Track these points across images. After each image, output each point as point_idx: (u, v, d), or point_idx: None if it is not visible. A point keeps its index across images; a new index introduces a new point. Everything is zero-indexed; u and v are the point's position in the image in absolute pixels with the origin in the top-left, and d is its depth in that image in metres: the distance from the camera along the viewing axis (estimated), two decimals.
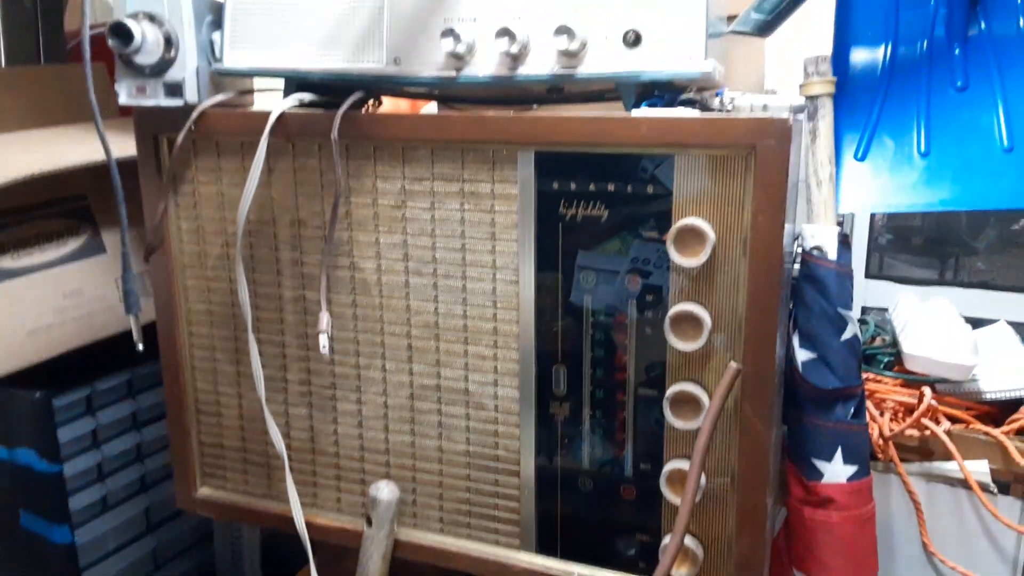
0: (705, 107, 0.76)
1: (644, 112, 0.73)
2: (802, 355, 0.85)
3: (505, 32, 0.76)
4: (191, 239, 0.94)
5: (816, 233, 0.85)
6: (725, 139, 0.69)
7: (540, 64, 0.78)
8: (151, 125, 0.91)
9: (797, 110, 0.72)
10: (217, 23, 0.89)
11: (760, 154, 0.67)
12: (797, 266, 0.86)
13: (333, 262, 0.87)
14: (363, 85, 0.85)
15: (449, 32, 0.78)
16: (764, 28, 0.86)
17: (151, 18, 0.83)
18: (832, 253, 0.85)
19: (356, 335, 0.89)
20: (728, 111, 0.75)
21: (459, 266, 0.82)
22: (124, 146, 0.93)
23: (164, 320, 0.97)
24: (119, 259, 0.90)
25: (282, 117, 0.84)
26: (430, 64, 0.81)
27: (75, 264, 1.24)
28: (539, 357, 0.82)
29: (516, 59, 0.79)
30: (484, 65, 0.80)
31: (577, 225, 0.77)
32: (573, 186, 0.77)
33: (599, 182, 0.76)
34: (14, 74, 1.49)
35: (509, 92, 0.91)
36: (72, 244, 1.24)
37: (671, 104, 0.78)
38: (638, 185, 0.74)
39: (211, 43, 0.89)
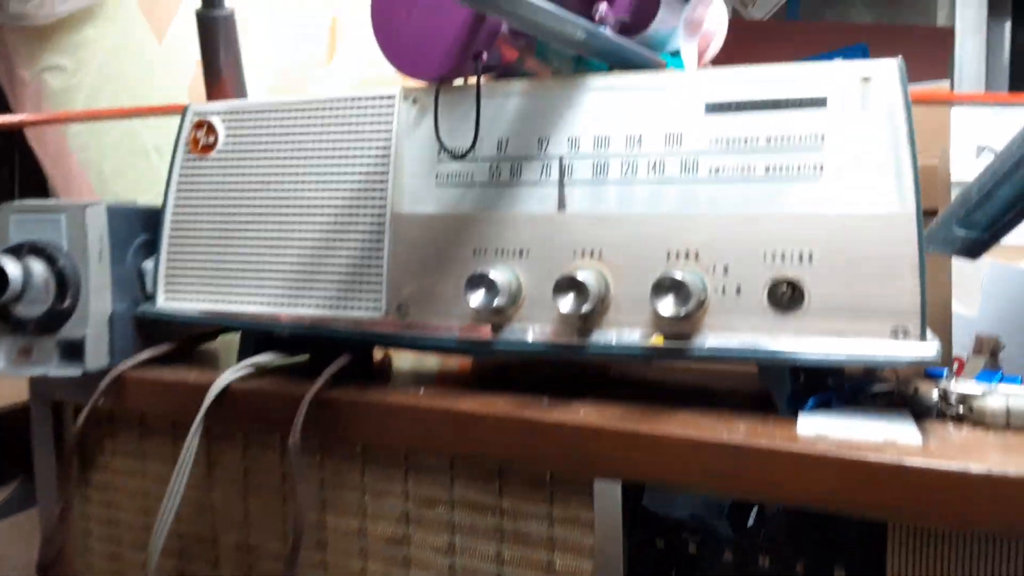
0: (919, 409, 0.44)
1: (818, 425, 0.42)
2: None
3: (571, 285, 0.47)
4: (104, 550, 0.64)
5: None
6: (990, 505, 0.36)
7: (629, 327, 0.48)
8: (50, 387, 0.63)
9: None
10: (151, 246, 0.62)
11: None
12: None
13: None
14: (352, 343, 0.55)
15: (480, 280, 0.49)
16: (973, 249, 0.55)
17: (40, 251, 0.56)
18: None
19: None
20: (965, 418, 0.43)
21: None
22: None
23: None
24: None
25: (227, 393, 0.55)
26: (452, 316, 0.52)
27: None
28: None
29: (588, 319, 0.49)
30: (538, 321, 0.50)
31: None
32: (693, 549, 0.44)
33: (739, 551, 0.44)
34: None
35: None
36: None
37: (855, 398, 0.46)
38: (814, 565, 0.42)
39: (141, 273, 0.62)
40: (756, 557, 0.43)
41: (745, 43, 0.68)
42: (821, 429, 0.41)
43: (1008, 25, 1.86)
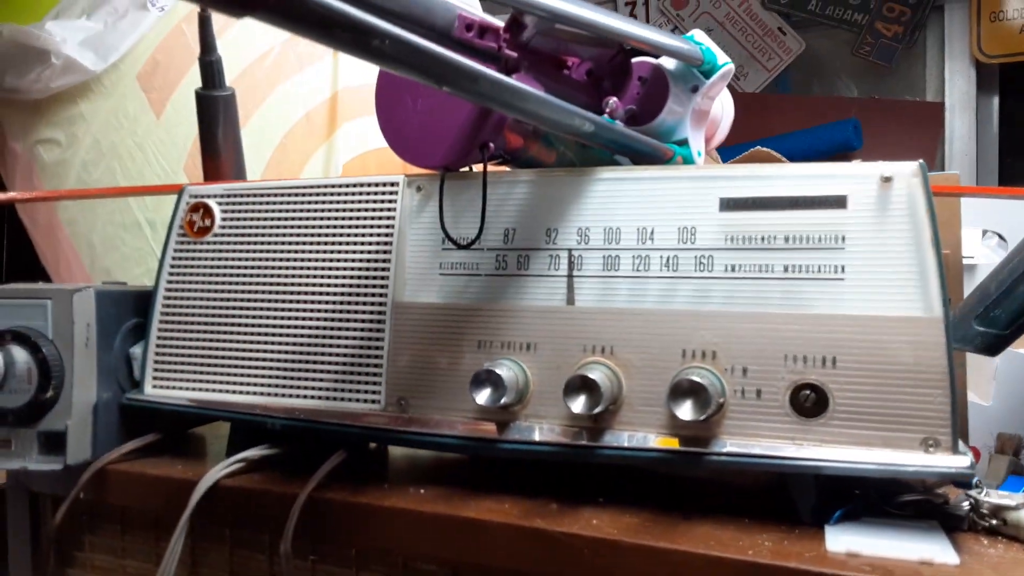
0: (950, 520, 0.42)
1: (847, 540, 0.39)
2: None
3: (582, 385, 0.45)
4: None
5: None
6: None
7: (642, 427, 0.46)
8: (27, 478, 0.60)
9: None
10: (140, 330, 0.60)
11: None
12: None
13: None
14: (349, 439, 0.53)
15: (486, 378, 0.47)
16: (993, 346, 0.53)
17: (23, 339, 0.53)
18: None
19: None
20: (998, 531, 0.41)
21: None
22: None
23: None
24: None
25: (215, 490, 0.52)
26: (456, 410, 0.50)
27: None
28: None
29: (599, 419, 0.46)
30: (546, 418, 0.48)
31: None
32: None
33: None
34: None
35: None
36: None
37: (882, 508, 0.44)
38: None
39: (128, 359, 0.59)
40: None
41: (737, 115, 0.67)
42: (851, 545, 0.39)
43: (996, 100, 1.89)
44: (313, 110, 0.92)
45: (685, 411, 0.42)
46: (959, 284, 0.66)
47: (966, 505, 0.43)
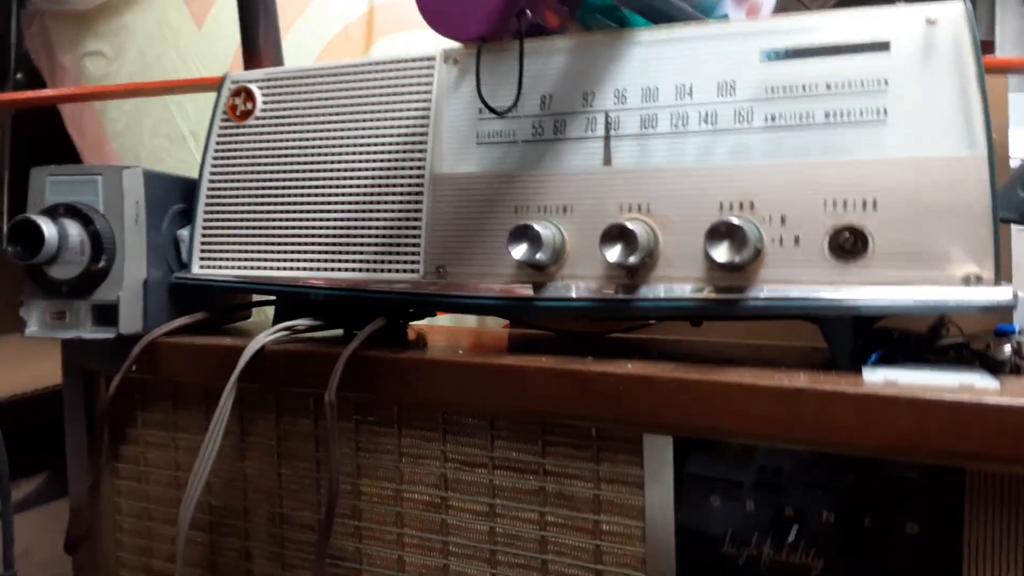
0: (991, 364, 0.42)
1: (884, 374, 0.39)
2: None
3: (619, 234, 0.45)
4: (134, 527, 0.62)
5: None
6: None
7: (679, 278, 0.46)
8: (82, 357, 0.62)
9: None
10: (187, 216, 0.61)
11: None
12: None
13: None
14: (389, 306, 0.54)
15: (523, 232, 0.47)
16: None
17: (76, 212, 0.55)
18: None
19: None
20: None
21: None
22: None
23: None
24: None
25: (262, 355, 0.54)
26: (493, 275, 0.51)
27: (22, 515, 0.94)
28: None
29: (635, 274, 0.47)
30: (582, 278, 0.48)
31: None
32: (751, 507, 0.42)
33: (801, 507, 0.41)
34: None
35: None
36: (23, 488, 0.95)
37: (918, 353, 0.44)
38: (883, 519, 0.39)
39: (176, 241, 0.61)
40: (819, 514, 0.40)
41: None
42: (888, 376, 0.39)
43: None
44: (351, 24, 0.92)
45: (721, 253, 0.42)
46: (1006, 171, 0.65)
47: (1007, 350, 0.42)
